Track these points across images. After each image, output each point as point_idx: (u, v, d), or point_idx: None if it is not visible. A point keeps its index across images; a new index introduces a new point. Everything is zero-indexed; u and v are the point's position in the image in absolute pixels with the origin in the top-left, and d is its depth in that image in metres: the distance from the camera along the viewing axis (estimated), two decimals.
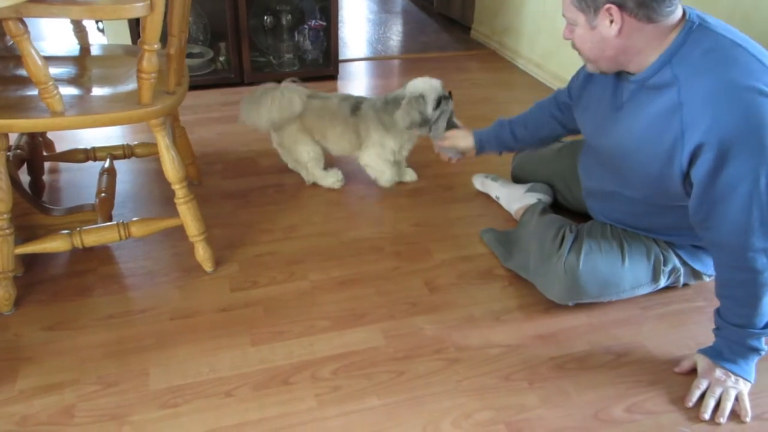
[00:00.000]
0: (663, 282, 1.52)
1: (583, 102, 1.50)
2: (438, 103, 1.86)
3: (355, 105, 1.97)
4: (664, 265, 1.49)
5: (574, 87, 1.56)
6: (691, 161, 1.17)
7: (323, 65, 3.13)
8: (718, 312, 1.30)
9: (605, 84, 1.40)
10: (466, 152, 1.85)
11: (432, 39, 3.90)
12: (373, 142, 1.96)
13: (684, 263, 1.51)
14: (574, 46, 1.30)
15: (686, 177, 1.21)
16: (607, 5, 1.16)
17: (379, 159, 1.99)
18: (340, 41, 3.14)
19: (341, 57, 3.29)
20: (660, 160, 1.24)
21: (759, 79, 1.11)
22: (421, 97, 1.85)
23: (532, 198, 1.83)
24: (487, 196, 2.04)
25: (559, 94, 1.69)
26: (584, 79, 1.48)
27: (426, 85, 1.88)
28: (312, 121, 1.96)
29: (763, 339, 1.26)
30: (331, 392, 1.29)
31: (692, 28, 1.18)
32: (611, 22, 1.18)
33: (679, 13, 1.19)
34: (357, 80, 3.14)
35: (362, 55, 3.55)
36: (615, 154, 1.39)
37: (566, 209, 1.85)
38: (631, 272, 1.47)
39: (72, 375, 1.31)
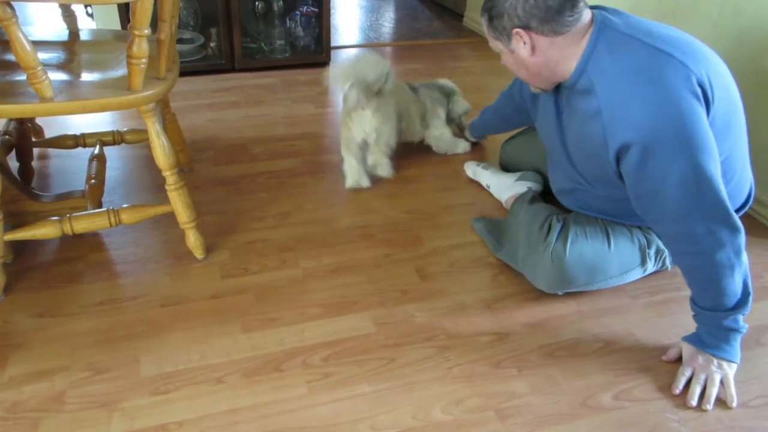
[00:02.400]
0: (651, 265, 1.53)
1: (535, 108, 1.58)
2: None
3: (411, 87, 2.14)
4: (648, 247, 1.51)
5: (526, 92, 1.67)
6: (618, 161, 1.24)
7: (315, 52, 3.11)
8: (691, 299, 1.32)
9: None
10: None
11: (424, 26, 3.88)
12: (441, 119, 2.18)
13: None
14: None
15: (619, 175, 1.27)
16: (515, 30, 1.25)
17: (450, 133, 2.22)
18: (332, 28, 3.13)
19: (333, 44, 3.27)
20: (597, 159, 1.30)
21: (663, 72, 1.15)
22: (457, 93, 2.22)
23: (522, 187, 1.84)
24: (478, 184, 2.04)
25: (513, 92, 1.87)
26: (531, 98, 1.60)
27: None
28: (400, 98, 2.01)
29: (740, 317, 1.26)
30: (322, 379, 1.30)
31: (599, 32, 1.23)
32: (524, 43, 1.26)
33: (586, 17, 1.25)
34: None
35: (354, 42, 3.53)
36: (565, 154, 1.47)
37: (555, 196, 1.85)
38: (618, 257, 1.48)
39: (62, 362, 1.31)
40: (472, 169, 2.06)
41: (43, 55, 1.44)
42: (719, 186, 1.17)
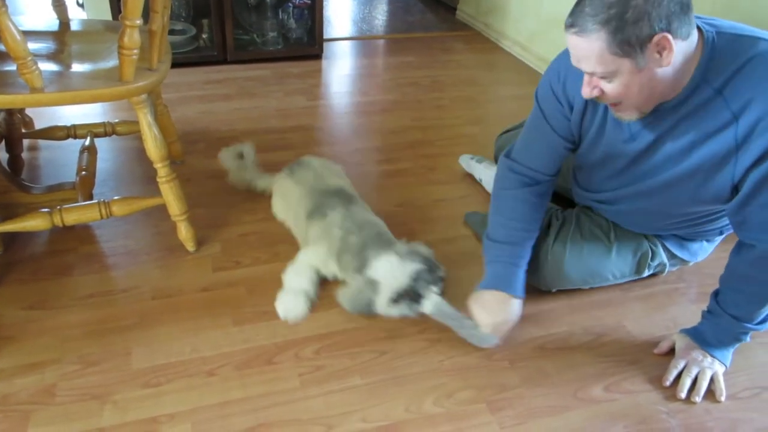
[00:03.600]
0: (646, 273, 1.54)
1: (585, 140, 1.34)
2: (398, 298, 1.36)
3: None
4: (651, 260, 1.49)
5: (565, 127, 1.34)
6: (750, 167, 1.10)
7: (308, 44, 3.10)
8: (716, 298, 1.28)
9: (598, 113, 1.27)
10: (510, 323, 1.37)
11: (417, 19, 3.87)
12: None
13: (672, 256, 1.51)
14: (603, 100, 1.14)
15: (735, 186, 1.15)
16: (659, 36, 0.99)
17: None
18: (324, 20, 3.12)
19: (326, 36, 3.26)
20: (700, 176, 1.18)
21: None
22: (373, 283, 1.38)
23: None
24: (470, 178, 2.04)
25: (524, 177, 1.42)
26: (580, 116, 1.31)
27: (389, 271, 1.37)
28: None
29: (751, 333, 1.27)
30: (314, 371, 1.30)
31: (713, 39, 1.08)
32: (660, 53, 1.02)
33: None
34: (341, 60, 3.12)
35: (347, 35, 3.52)
36: (643, 182, 1.30)
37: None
38: (617, 265, 1.48)
39: (53, 354, 1.30)
40: (466, 162, 2.06)
41: (33, 46, 1.43)
42: None
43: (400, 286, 1.35)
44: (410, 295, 1.35)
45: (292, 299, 1.44)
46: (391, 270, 1.36)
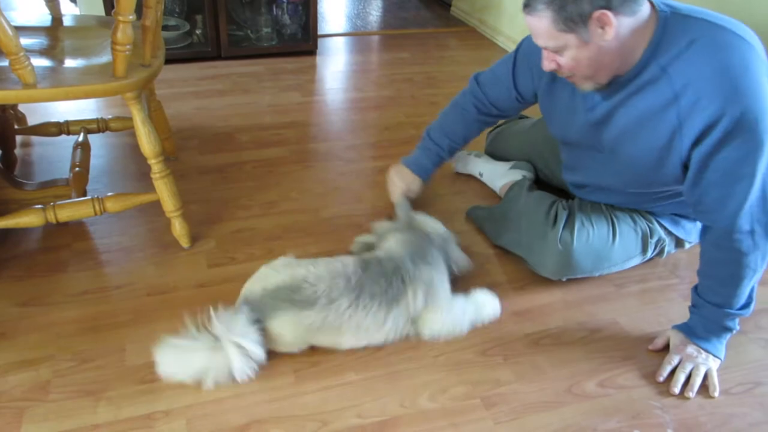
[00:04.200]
0: (650, 253, 1.56)
1: (547, 103, 1.47)
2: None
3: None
4: (651, 236, 1.53)
5: (528, 88, 1.51)
6: (693, 146, 1.16)
7: (302, 40, 3.09)
8: (696, 290, 1.32)
9: (567, 85, 1.36)
10: (414, 190, 1.74)
11: (412, 15, 3.87)
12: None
13: (668, 233, 1.55)
14: (561, 73, 1.23)
15: (685, 165, 1.21)
16: (597, 12, 1.08)
17: None
18: (319, 16, 3.11)
19: (320, 32, 3.26)
20: (655, 154, 1.24)
21: (750, 59, 1.10)
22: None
23: (517, 174, 1.83)
24: (465, 174, 2.04)
25: (479, 102, 1.64)
26: (549, 81, 1.43)
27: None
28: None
29: (737, 319, 1.29)
30: (309, 367, 1.30)
31: (666, 18, 1.14)
32: (602, 28, 1.10)
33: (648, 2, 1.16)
34: (336, 56, 3.11)
35: (341, 30, 3.51)
36: (594, 153, 1.41)
37: (547, 185, 1.86)
38: (622, 246, 1.50)
39: (47, 351, 1.30)
40: (462, 163, 2.03)
41: (25, 41, 1.42)
42: None
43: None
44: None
45: None
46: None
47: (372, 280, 1.30)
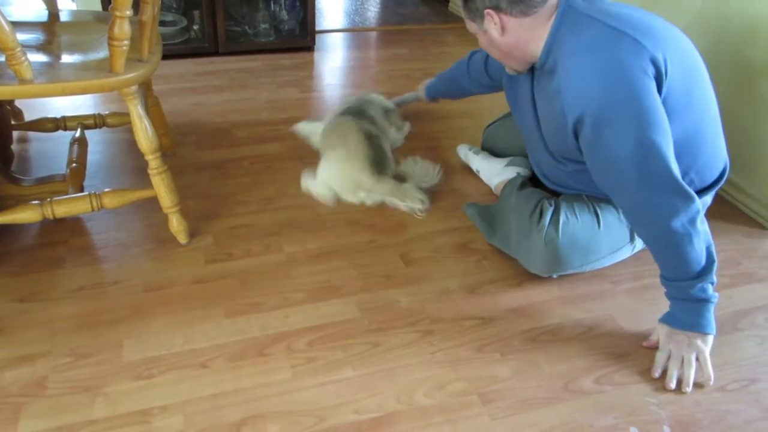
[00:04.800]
0: (640, 243, 1.56)
1: (512, 91, 1.61)
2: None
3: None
4: None
5: (496, 72, 1.84)
6: (576, 136, 1.31)
7: (300, 36, 3.09)
8: (660, 276, 1.34)
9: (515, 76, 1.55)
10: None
11: (410, 11, 3.86)
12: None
13: None
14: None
15: (580, 151, 1.34)
16: (486, 10, 1.30)
17: None
18: (316, 11, 3.11)
19: (318, 28, 3.25)
20: (562, 135, 1.36)
21: (616, 48, 1.20)
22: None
23: (511, 172, 1.84)
24: (462, 169, 2.05)
25: (472, 67, 1.94)
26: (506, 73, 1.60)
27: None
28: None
29: (708, 286, 1.28)
30: (306, 363, 1.30)
31: (563, 14, 1.28)
32: (494, 24, 1.31)
33: (553, 0, 1.30)
34: (334, 52, 3.11)
35: (339, 26, 3.51)
36: (538, 134, 1.53)
37: (541, 181, 1.86)
38: (608, 236, 1.50)
39: (44, 347, 1.30)
40: (464, 153, 2.06)
41: (22, 36, 1.42)
42: (668, 157, 1.22)
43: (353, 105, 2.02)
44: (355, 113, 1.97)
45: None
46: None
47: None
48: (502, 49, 1.38)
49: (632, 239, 1.54)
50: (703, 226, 1.26)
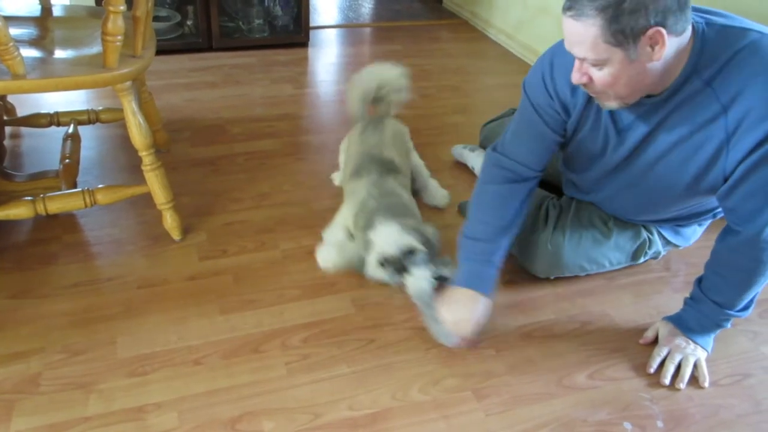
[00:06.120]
0: (641, 261, 1.56)
1: (580, 134, 1.33)
2: (384, 263, 1.43)
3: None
4: (649, 248, 1.52)
5: (557, 124, 1.31)
6: (741, 161, 1.10)
7: (294, 32, 3.08)
8: (699, 285, 1.30)
9: (593, 107, 1.26)
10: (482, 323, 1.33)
11: (404, 7, 3.86)
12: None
13: (667, 242, 1.54)
14: (590, 88, 1.13)
15: (726, 179, 1.16)
16: (653, 30, 0.99)
17: None
18: (311, 7, 3.10)
19: (312, 24, 3.24)
20: (693, 172, 1.19)
21: None
22: (369, 243, 1.45)
23: None
24: (457, 167, 2.05)
25: (507, 171, 1.37)
26: (582, 109, 1.27)
27: (387, 236, 1.42)
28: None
29: (732, 320, 1.29)
30: (301, 360, 1.30)
31: (703, 31, 1.07)
32: (652, 47, 1.02)
33: None
34: (328, 48, 3.10)
35: (333, 22, 3.50)
36: (623, 174, 1.32)
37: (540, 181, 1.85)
38: (614, 253, 1.50)
39: (37, 343, 1.29)
40: (459, 152, 2.06)
41: (15, 31, 1.41)
42: None
43: (388, 253, 1.40)
44: (396, 264, 1.40)
45: (328, 250, 1.55)
46: (388, 236, 1.41)
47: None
48: (646, 81, 1.08)
49: (636, 258, 1.53)
50: None
